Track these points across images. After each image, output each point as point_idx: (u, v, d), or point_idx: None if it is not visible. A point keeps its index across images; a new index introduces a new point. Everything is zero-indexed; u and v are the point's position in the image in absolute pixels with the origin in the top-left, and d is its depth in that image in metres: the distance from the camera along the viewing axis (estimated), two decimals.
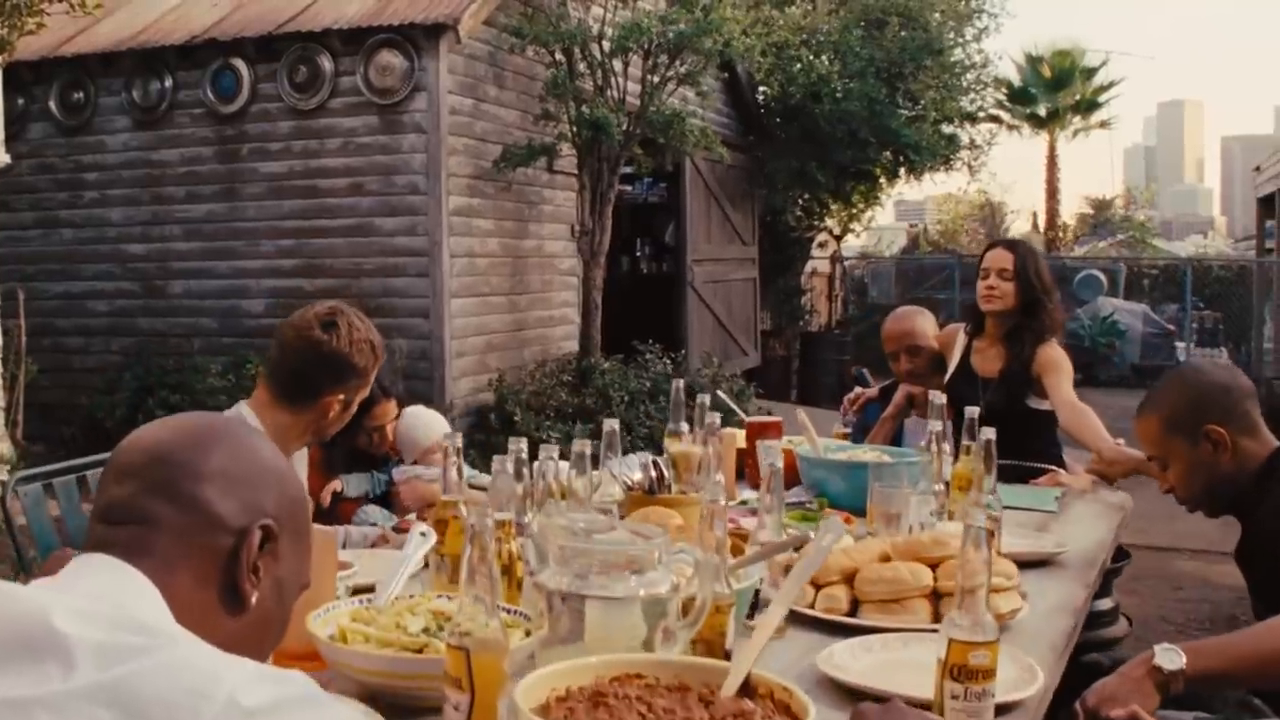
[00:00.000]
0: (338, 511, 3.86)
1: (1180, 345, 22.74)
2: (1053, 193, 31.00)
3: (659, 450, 3.15)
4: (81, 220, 10.54)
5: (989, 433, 2.92)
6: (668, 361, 10.58)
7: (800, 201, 17.72)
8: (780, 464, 2.45)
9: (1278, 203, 19.61)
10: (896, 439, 4.59)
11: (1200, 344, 22.94)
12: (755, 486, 3.35)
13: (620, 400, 9.70)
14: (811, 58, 15.53)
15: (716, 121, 13.24)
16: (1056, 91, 29.43)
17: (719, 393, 4.52)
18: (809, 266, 20.01)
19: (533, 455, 2.60)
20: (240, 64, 9.89)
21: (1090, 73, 29.85)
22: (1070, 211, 31.78)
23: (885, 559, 2.54)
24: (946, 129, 17.23)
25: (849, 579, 2.52)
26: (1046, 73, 29.44)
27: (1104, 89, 30.23)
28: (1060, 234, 31.01)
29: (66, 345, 10.43)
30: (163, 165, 10.26)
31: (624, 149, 9.99)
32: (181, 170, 10.20)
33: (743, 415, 4.03)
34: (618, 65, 10.09)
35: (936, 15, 16.72)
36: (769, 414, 4.46)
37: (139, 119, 10.30)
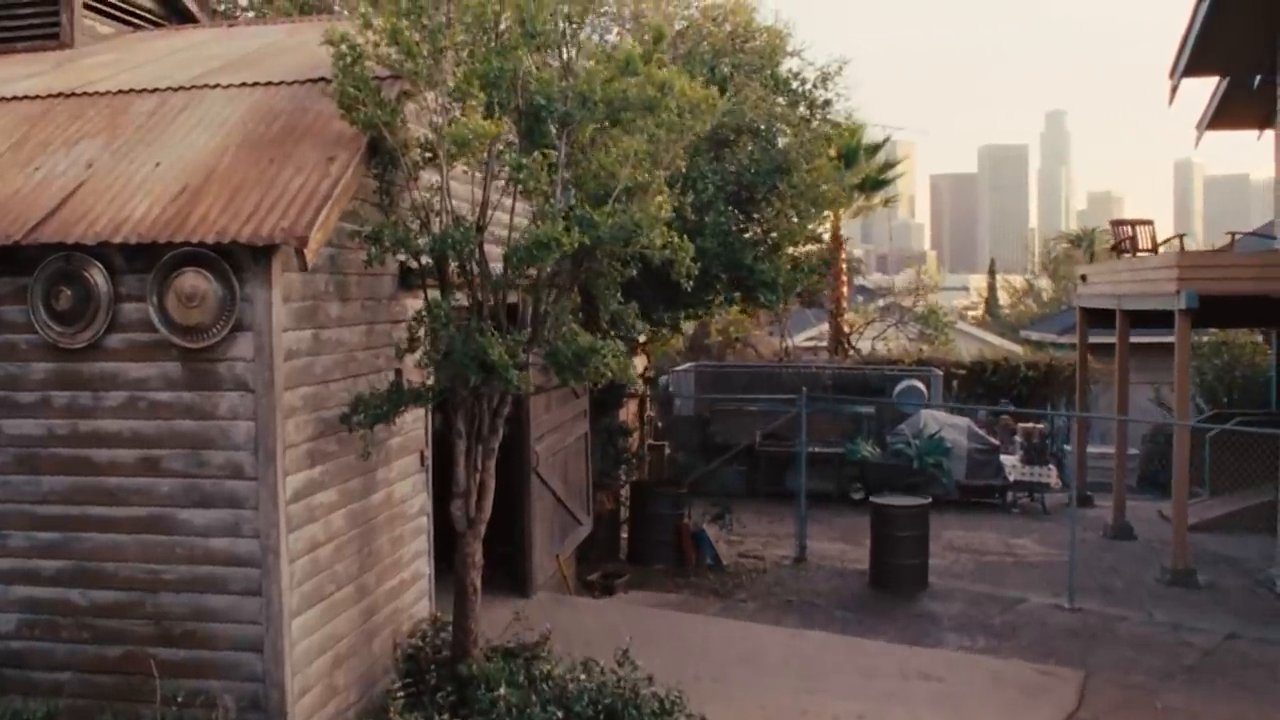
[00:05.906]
0: None
1: (1005, 460, 21.52)
2: (838, 274, 29.57)
3: None
4: None
5: None
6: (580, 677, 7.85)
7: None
8: None
9: (1119, 319, 18.39)
10: None
11: (1027, 461, 21.66)
12: None
13: None
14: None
15: None
16: (843, 171, 28.28)
17: None
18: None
19: None
20: None
21: (873, 150, 28.87)
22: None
23: None
24: (791, 250, 15.66)
25: None
26: (832, 152, 28.18)
27: (890, 166, 29.48)
28: (850, 327, 29.72)
29: None
30: None
31: (517, 388, 7.42)
32: None
33: None
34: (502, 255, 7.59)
35: (786, 131, 15.10)
36: None
37: None
